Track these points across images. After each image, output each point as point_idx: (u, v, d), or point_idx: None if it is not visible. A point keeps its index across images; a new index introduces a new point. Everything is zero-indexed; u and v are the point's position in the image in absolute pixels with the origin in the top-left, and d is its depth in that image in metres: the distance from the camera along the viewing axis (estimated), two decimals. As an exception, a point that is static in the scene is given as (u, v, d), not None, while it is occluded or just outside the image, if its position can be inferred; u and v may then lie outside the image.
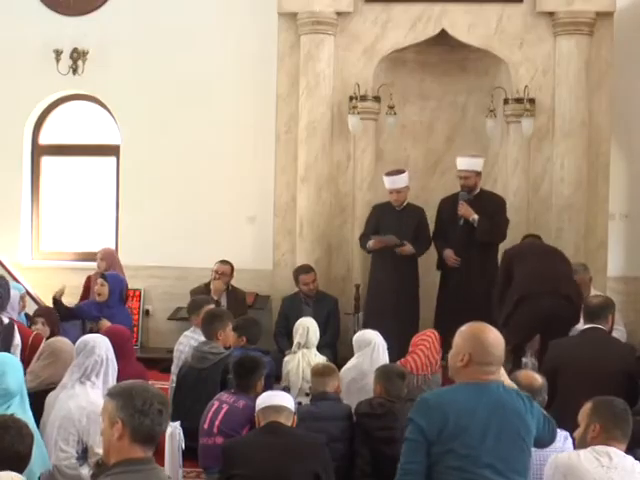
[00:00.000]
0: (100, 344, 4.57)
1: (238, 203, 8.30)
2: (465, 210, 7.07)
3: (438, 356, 5.75)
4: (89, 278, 7.70)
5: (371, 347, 5.43)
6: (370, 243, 7.21)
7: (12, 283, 7.57)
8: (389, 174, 7.28)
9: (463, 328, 3.14)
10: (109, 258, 7.76)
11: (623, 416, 3.50)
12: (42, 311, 6.67)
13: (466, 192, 7.15)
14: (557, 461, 3.40)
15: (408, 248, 7.08)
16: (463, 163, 7.21)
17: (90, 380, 4.39)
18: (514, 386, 3.31)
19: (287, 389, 5.41)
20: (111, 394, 2.71)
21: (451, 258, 7.11)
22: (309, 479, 3.84)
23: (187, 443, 4.64)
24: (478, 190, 7.24)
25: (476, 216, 7.02)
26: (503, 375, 3.26)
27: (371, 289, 7.36)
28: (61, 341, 5.04)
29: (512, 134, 7.64)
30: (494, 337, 3.08)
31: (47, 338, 5.61)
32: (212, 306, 6.28)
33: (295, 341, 5.77)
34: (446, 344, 6.43)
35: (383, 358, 5.37)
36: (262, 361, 4.94)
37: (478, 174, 7.21)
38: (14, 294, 6.78)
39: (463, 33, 7.64)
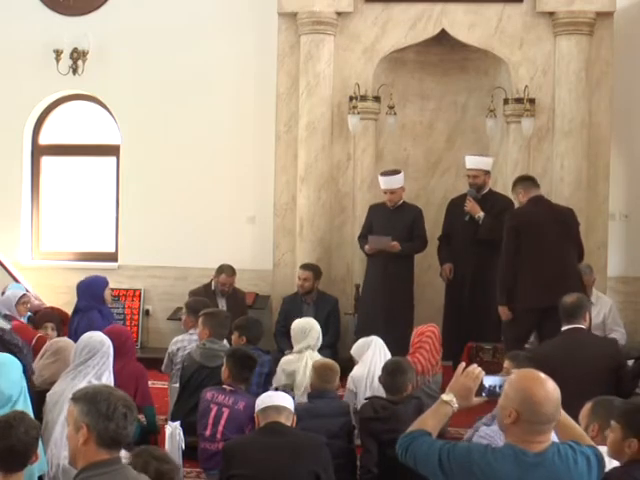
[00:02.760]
0: (105, 341, 4.57)
1: (238, 203, 8.29)
2: (472, 207, 7.02)
3: (438, 356, 5.73)
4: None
5: (372, 348, 5.48)
6: (366, 247, 7.20)
7: (13, 283, 7.62)
8: (384, 174, 7.24)
9: (513, 377, 2.81)
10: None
11: None
12: (49, 315, 6.47)
13: (474, 190, 7.12)
14: None
15: (394, 245, 6.99)
16: (471, 162, 7.17)
17: (100, 380, 4.38)
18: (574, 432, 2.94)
19: (286, 389, 5.40)
20: (75, 398, 2.72)
21: (445, 272, 7.11)
22: (309, 479, 3.84)
23: (194, 438, 4.66)
24: (487, 190, 7.18)
25: (482, 214, 6.96)
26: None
27: (364, 290, 7.34)
28: (64, 340, 5.05)
29: (512, 134, 7.64)
30: (546, 392, 2.71)
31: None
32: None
33: (304, 343, 5.66)
34: (451, 342, 6.52)
35: (386, 353, 5.43)
36: (255, 354, 5.01)
37: (487, 173, 7.16)
38: (13, 293, 6.80)
39: (463, 33, 7.64)
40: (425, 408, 4.76)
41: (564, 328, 4.99)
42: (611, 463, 3.17)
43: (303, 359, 5.55)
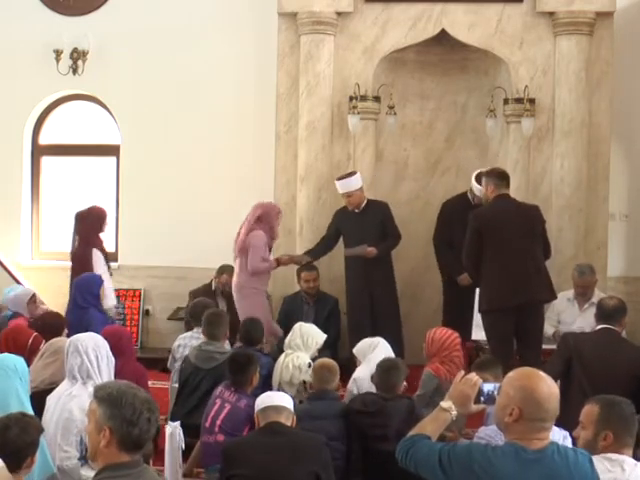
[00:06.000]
0: (84, 343, 4.46)
1: (238, 203, 8.28)
2: None
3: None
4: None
5: (379, 349, 5.45)
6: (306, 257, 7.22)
7: (15, 285, 7.64)
8: (339, 178, 7.22)
9: (512, 375, 2.81)
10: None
11: (632, 420, 3.38)
12: (61, 320, 6.01)
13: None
14: None
15: (370, 251, 6.98)
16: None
17: (92, 379, 4.37)
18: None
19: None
20: (99, 398, 2.65)
21: (466, 280, 6.93)
22: (309, 479, 3.85)
23: (193, 439, 4.66)
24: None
25: None
26: None
27: (348, 294, 7.30)
28: (63, 340, 5.03)
29: (512, 134, 7.63)
30: (548, 389, 2.72)
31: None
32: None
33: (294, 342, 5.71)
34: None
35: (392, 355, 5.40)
36: (254, 355, 4.94)
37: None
38: (24, 292, 6.84)
39: (463, 33, 7.63)
40: (417, 409, 4.70)
41: (598, 327, 4.96)
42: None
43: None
